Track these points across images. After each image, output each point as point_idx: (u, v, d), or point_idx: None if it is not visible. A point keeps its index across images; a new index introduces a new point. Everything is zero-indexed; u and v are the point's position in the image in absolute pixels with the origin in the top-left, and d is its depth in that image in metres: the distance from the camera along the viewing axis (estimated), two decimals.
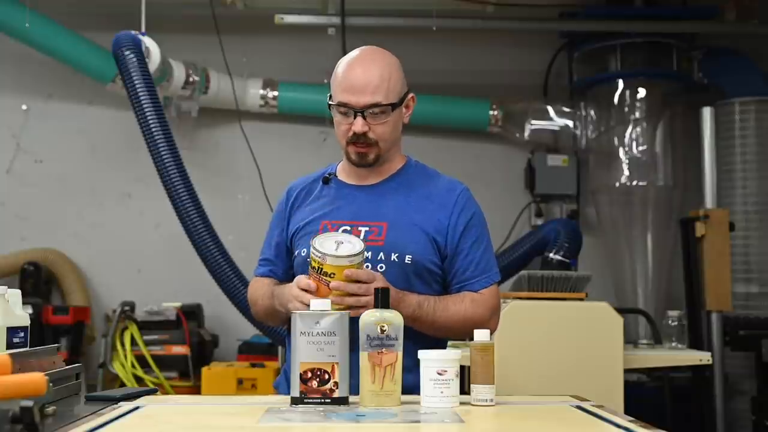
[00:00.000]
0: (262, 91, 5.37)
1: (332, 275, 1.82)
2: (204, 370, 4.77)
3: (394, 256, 1.97)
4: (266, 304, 2.07)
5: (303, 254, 2.03)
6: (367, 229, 2.00)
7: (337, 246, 1.84)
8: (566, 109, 5.48)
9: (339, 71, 2.02)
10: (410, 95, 2.07)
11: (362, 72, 1.98)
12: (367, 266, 1.92)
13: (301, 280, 1.89)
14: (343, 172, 2.13)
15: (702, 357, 3.61)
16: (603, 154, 5.39)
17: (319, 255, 1.82)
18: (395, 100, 2.00)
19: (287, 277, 2.10)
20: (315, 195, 2.12)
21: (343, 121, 2.00)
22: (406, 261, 1.98)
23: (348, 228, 2.01)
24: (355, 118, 1.97)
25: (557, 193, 5.51)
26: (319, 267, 1.83)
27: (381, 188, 2.07)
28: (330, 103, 2.02)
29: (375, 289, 1.69)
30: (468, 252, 2.03)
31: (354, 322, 1.67)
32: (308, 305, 1.72)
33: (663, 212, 5.25)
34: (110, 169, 5.49)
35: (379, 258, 1.97)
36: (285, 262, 2.13)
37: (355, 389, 1.66)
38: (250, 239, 4.18)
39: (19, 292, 1.85)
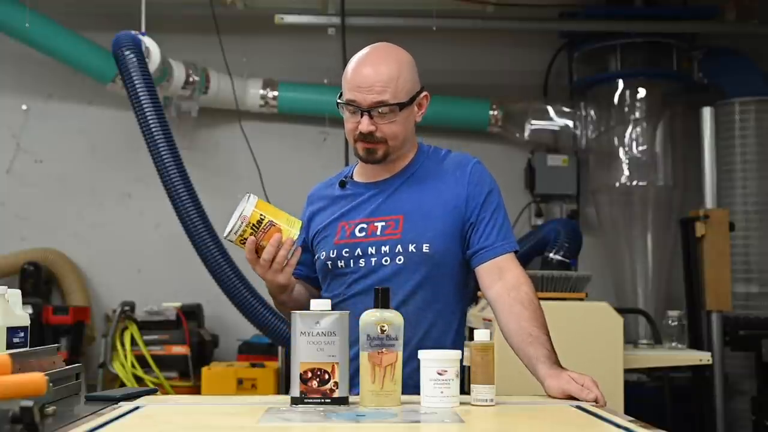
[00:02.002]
0: (262, 91, 5.37)
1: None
2: (204, 370, 4.77)
3: (411, 247, 1.96)
4: (275, 303, 2.07)
5: (322, 258, 2.03)
6: (383, 223, 1.99)
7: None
8: (566, 109, 5.48)
9: (348, 69, 1.99)
10: (423, 94, 2.03)
11: (370, 70, 1.95)
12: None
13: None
14: (359, 173, 2.12)
15: (702, 357, 3.61)
16: (603, 154, 5.39)
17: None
18: (404, 99, 1.96)
19: (312, 278, 2.12)
20: (333, 199, 2.11)
21: (350, 118, 1.98)
22: (425, 250, 1.96)
23: (365, 225, 2.00)
24: (361, 116, 1.95)
25: (557, 193, 5.52)
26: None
27: (395, 182, 2.05)
28: (338, 101, 2.00)
29: (375, 289, 1.68)
30: (490, 218, 2.00)
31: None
32: (272, 264, 1.85)
33: (663, 212, 5.25)
34: (110, 169, 5.49)
35: (397, 250, 1.96)
36: (308, 266, 2.12)
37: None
38: None
39: (19, 292, 1.85)
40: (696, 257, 4.20)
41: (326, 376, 1.60)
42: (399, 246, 1.96)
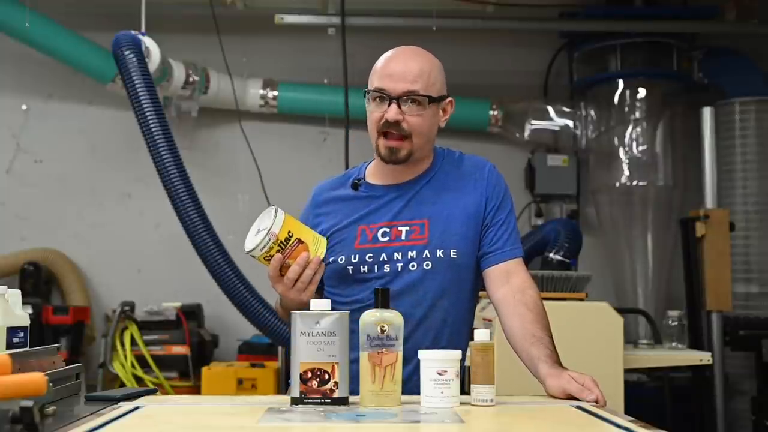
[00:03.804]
0: (262, 91, 5.37)
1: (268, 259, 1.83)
2: (204, 370, 4.77)
3: (439, 253, 1.96)
4: (281, 312, 2.04)
5: (340, 261, 1.98)
6: (408, 228, 1.98)
7: (253, 236, 1.83)
8: (566, 109, 5.48)
9: (379, 62, 1.99)
10: (449, 99, 2.04)
11: (403, 61, 1.96)
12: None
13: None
14: (373, 175, 2.08)
15: (702, 357, 3.61)
16: (603, 154, 5.39)
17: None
18: (434, 94, 1.96)
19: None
20: (345, 200, 2.06)
21: (376, 109, 1.96)
22: (452, 256, 1.96)
23: (388, 229, 1.98)
24: (389, 105, 1.93)
25: (557, 193, 5.52)
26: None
27: (416, 185, 2.03)
28: (366, 90, 1.98)
29: (375, 289, 1.68)
30: (503, 222, 2.01)
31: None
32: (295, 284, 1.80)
33: (663, 212, 5.25)
34: (110, 169, 5.49)
35: (424, 256, 1.96)
36: None
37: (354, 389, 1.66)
38: None
39: (19, 292, 1.85)
40: (696, 257, 4.20)
41: (326, 376, 1.60)
42: (426, 251, 1.96)
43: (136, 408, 1.62)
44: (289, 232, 1.80)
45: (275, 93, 5.38)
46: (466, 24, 5.37)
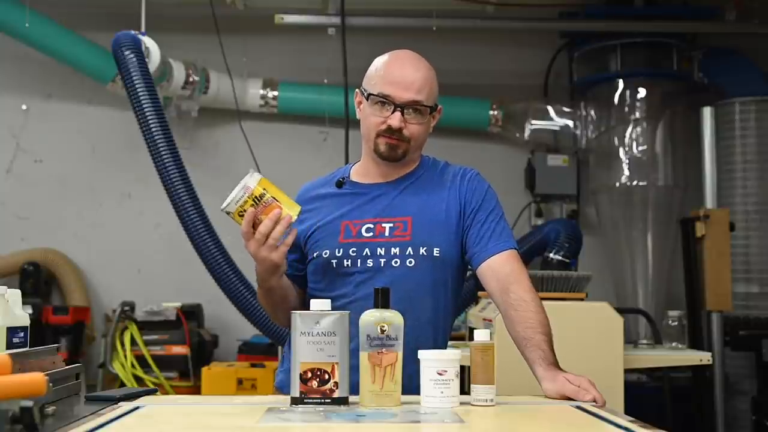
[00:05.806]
0: (262, 91, 5.38)
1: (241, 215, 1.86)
2: (204, 370, 4.77)
3: (422, 250, 1.98)
4: (260, 293, 2.04)
5: (324, 255, 2.00)
6: (392, 225, 2.00)
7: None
8: (566, 109, 5.48)
9: (382, 64, 2.02)
10: (439, 107, 2.08)
11: (410, 69, 2.00)
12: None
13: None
14: (358, 174, 2.12)
15: (702, 357, 3.61)
16: (603, 154, 5.39)
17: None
18: (432, 104, 2.03)
19: (296, 277, 2.08)
20: (330, 198, 2.10)
21: (378, 113, 1.99)
22: (435, 254, 1.98)
23: (371, 225, 2.01)
24: (393, 112, 1.97)
25: (557, 193, 5.52)
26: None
27: (399, 185, 2.07)
28: (370, 92, 2.00)
29: (375, 289, 1.68)
30: (484, 221, 2.02)
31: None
32: (266, 239, 1.83)
33: (663, 212, 5.25)
34: (110, 169, 5.49)
35: (407, 253, 1.98)
36: (293, 266, 2.08)
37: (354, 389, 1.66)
38: None
39: (19, 292, 1.85)
40: (696, 257, 4.20)
41: (326, 376, 1.60)
42: (410, 248, 1.98)
43: (136, 408, 1.62)
44: (264, 189, 1.84)
45: (275, 93, 5.39)
46: (466, 24, 5.37)
